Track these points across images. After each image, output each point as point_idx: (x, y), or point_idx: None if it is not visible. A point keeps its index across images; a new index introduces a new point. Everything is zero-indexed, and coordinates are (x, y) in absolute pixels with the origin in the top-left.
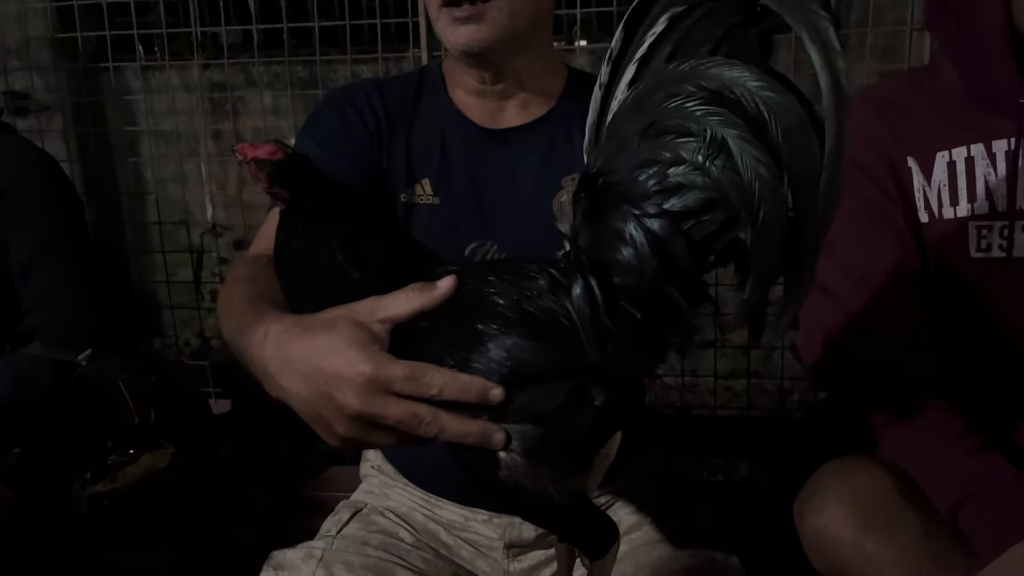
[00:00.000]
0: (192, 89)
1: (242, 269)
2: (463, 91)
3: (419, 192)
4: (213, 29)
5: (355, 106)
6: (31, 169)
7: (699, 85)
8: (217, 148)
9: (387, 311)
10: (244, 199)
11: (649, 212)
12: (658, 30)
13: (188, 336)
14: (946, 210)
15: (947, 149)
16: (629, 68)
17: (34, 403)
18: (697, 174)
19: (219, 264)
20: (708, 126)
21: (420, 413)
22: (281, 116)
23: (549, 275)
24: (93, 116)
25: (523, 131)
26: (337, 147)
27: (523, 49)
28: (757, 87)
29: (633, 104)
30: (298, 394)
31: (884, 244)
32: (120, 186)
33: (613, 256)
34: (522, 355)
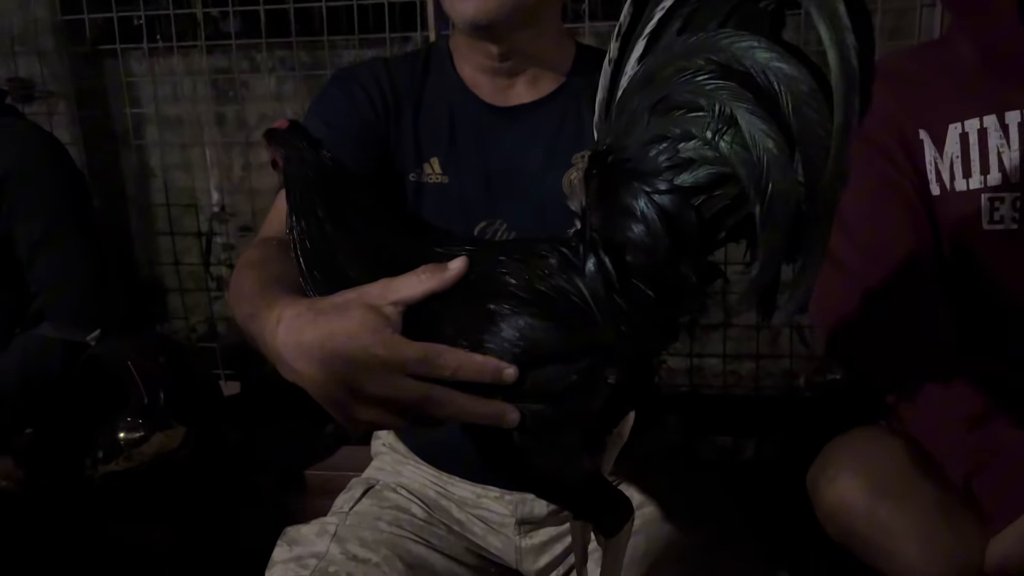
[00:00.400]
0: (196, 74)
1: (252, 253)
2: (471, 68)
3: (428, 171)
4: (221, 8)
5: (362, 85)
6: (37, 152)
7: (708, 58)
8: (221, 133)
9: (399, 294)
10: (249, 185)
11: (659, 188)
12: (667, 4)
13: (194, 321)
14: (958, 183)
15: (959, 121)
16: (639, 43)
17: (44, 384)
18: (707, 149)
19: (224, 250)
20: (717, 100)
21: (435, 395)
22: (286, 101)
23: (560, 254)
24: (97, 102)
25: (532, 108)
26: (343, 126)
27: (531, 23)
28: (767, 59)
29: (642, 79)
30: (313, 378)
31: (895, 217)
32: (124, 171)
33: (624, 234)
34: (534, 335)
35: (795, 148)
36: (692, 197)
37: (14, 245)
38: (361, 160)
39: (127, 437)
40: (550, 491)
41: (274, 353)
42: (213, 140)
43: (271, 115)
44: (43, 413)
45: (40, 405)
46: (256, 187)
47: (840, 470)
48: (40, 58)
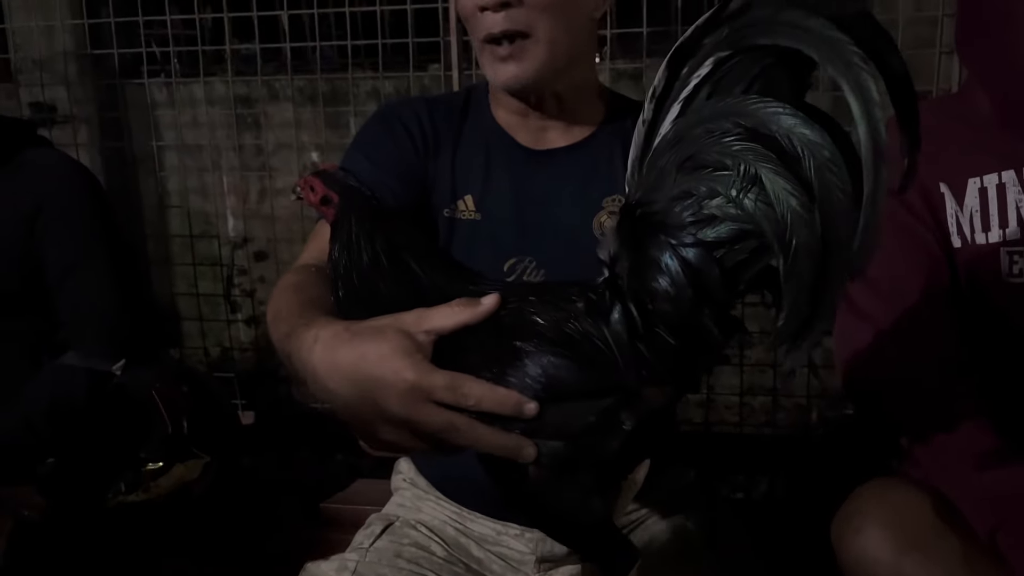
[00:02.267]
0: (216, 103)
1: (292, 278)
2: (507, 112)
3: (461, 208)
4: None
5: (403, 123)
6: (69, 182)
7: (736, 122)
8: (240, 161)
9: (433, 323)
10: (270, 211)
11: (684, 242)
12: (703, 72)
13: (207, 346)
14: (978, 235)
15: (978, 175)
16: (673, 107)
17: (69, 413)
18: (731, 206)
19: (239, 274)
20: (743, 161)
21: (457, 422)
22: (304, 129)
23: (588, 299)
24: (117, 129)
25: (565, 152)
26: (385, 163)
27: (564, 79)
28: (791, 124)
29: (673, 139)
30: (343, 397)
31: (916, 267)
32: (144, 199)
33: (649, 283)
34: (557, 373)
35: (816, 208)
36: (715, 251)
37: (44, 272)
38: (400, 195)
39: (149, 468)
40: (560, 530)
41: (308, 370)
42: (231, 166)
43: (289, 143)
44: (66, 442)
45: (64, 434)
46: (272, 214)
47: (865, 521)
48: (66, 86)
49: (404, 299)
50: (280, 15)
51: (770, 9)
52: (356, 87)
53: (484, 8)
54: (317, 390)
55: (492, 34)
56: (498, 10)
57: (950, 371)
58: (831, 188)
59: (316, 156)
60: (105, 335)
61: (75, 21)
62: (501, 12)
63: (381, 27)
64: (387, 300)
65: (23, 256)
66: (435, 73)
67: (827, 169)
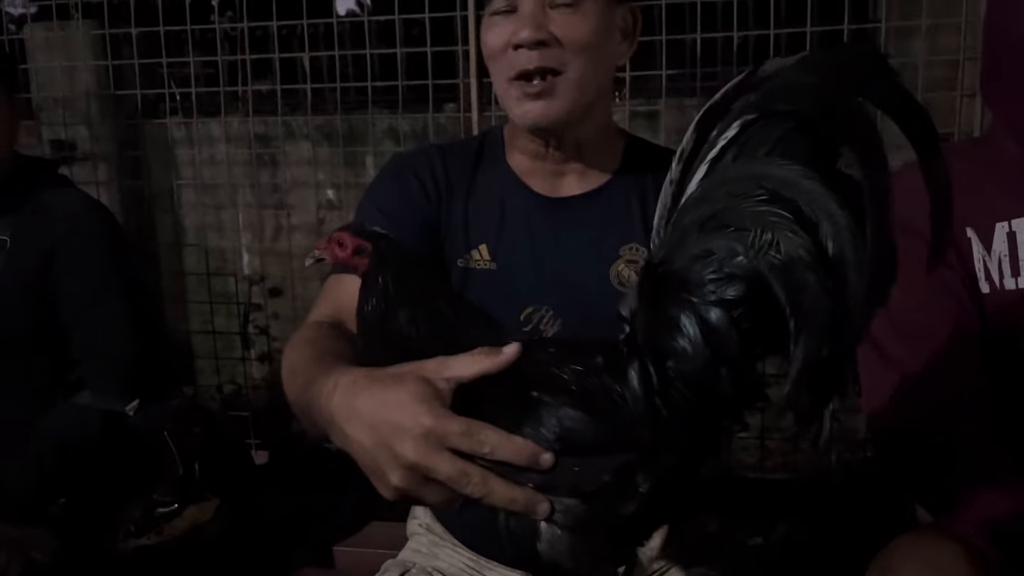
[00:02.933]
0: (234, 140)
1: (305, 334)
2: (523, 157)
3: (476, 257)
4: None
5: (416, 174)
6: (87, 222)
7: (757, 183)
8: (256, 198)
9: (453, 371)
10: (281, 248)
11: (703, 300)
12: (730, 135)
13: (221, 383)
14: (1007, 281)
15: (1006, 220)
16: (700, 167)
17: (81, 453)
18: (749, 267)
19: (254, 311)
20: (762, 222)
21: (471, 472)
22: (321, 167)
23: (607, 355)
24: (136, 167)
25: (581, 200)
26: (399, 217)
27: (587, 119)
28: (810, 189)
29: (698, 199)
30: (360, 442)
31: (945, 312)
32: (160, 236)
33: (667, 341)
34: (572, 426)
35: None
36: (732, 310)
37: (60, 310)
38: (416, 248)
39: (161, 510)
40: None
41: (327, 416)
42: (247, 203)
43: (305, 180)
44: (78, 483)
45: (75, 474)
46: (289, 250)
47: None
48: (88, 124)
49: (436, 348)
50: (300, 57)
51: (796, 76)
52: (373, 125)
53: (518, 46)
54: (335, 436)
55: (526, 70)
56: (533, 48)
57: (981, 418)
58: (846, 254)
59: (332, 194)
60: (119, 375)
61: (98, 62)
62: (536, 50)
63: (400, 68)
64: (419, 348)
65: (41, 294)
66: (452, 114)
67: (843, 236)
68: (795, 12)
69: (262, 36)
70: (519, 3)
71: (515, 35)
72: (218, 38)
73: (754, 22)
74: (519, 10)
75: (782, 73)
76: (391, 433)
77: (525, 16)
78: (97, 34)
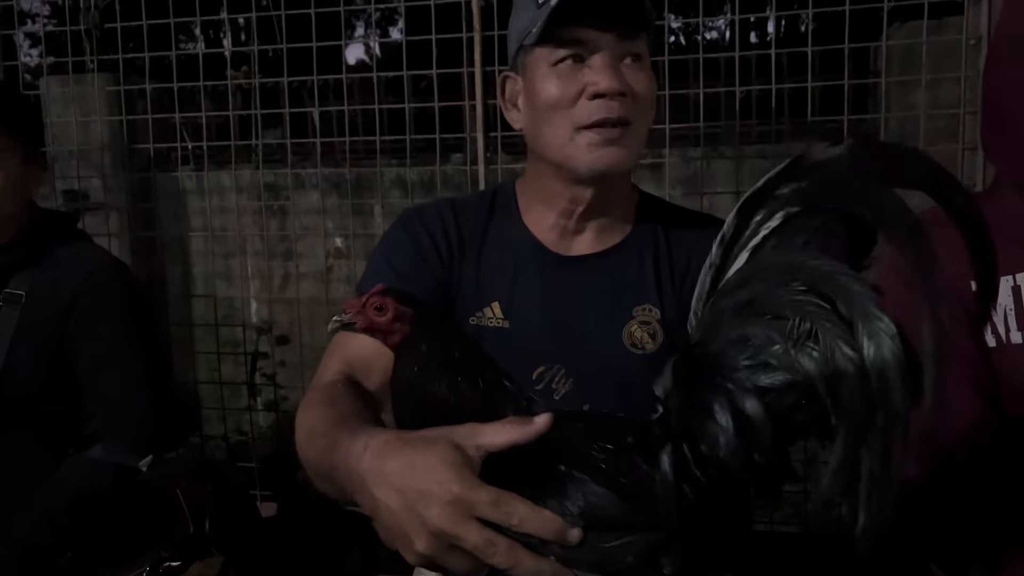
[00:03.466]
0: (244, 190)
1: (320, 394)
2: (544, 214)
3: (489, 315)
4: (279, 141)
5: (428, 231)
6: (103, 276)
7: (796, 275)
8: (265, 247)
9: (484, 439)
10: (289, 295)
11: (736, 387)
12: (773, 224)
13: (227, 431)
14: (1013, 335)
15: (1011, 274)
16: (741, 254)
17: (92, 507)
18: (785, 356)
19: (261, 359)
20: (800, 313)
21: (497, 542)
22: (329, 216)
23: (638, 434)
24: (147, 217)
25: (595, 259)
26: (414, 277)
27: (625, 177)
28: (849, 286)
29: (736, 284)
30: (388, 506)
31: (951, 367)
32: (170, 286)
33: (700, 425)
34: (598, 502)
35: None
36: (766, 397)
37: (76, 364)
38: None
39: (167, 566)
40: None
41: (356, 478)
42: (256, 251)
43: (313, 228)
44: (87, 536)
45: (85, 529)
46: (297, 297)
47: None
48: (102, 177)
49: (474, 414)
50: (310, 111)
51: (841, 172)
52: (381, 176)
53: (599, 95)
54: (363, 500)
55: (608, 119)
56: (614, 98)
57: (993, 473)
58: (884, 354)
59: (340, 242)
60: (133, 430)
61: (112, 117)
62: (616, 100)
63: (408, 122)
64: (456, 414)
65: (56, 349)
66: (459, 166)
67: (880, 336)
68: (796, 66)
69: (273, 89)
70: (591, 54)
71: (596, 85)
72: (230, 92)
73: (756, 76)
74: (591, 61)
75: (828, 165)
76: (419, 498)
77: (606, 68)
78: (112, 90)
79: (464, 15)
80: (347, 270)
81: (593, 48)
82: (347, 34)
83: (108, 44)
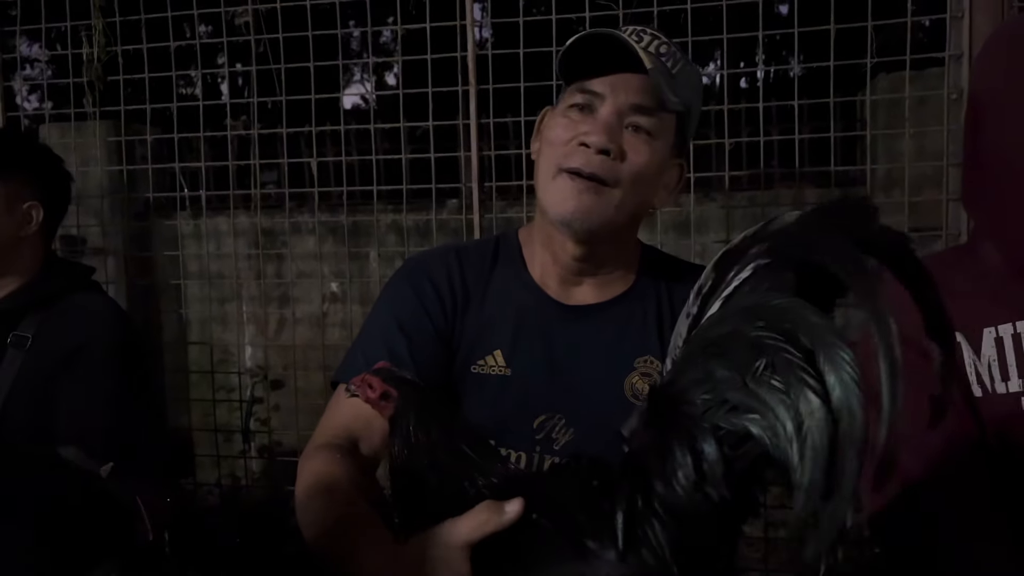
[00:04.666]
0: (240, 235)
1: (318, 467)
2: (542, 262)
3: (491, 363)
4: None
5: (432, 281)
6: (108, 329)
7: (758, 315)
8: (261, 291)
9: (463, 537)
10: (285, 340)
11: (696, 425)
12: (744, 275)
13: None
14: (998, 385)
15: (993, 326)
16: (715, 303)
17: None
18: (743, 391)
19: (256, 403)
20: (761, 349)
21: None
22: (325, 261)
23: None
24: (144, 264)
25: (598, 309)
26: (418, 330)
27: (614, 239)
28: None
29: (705, 328)
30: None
31: None
32: (165, 333)
33: (656, 463)
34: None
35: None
36: (721, 437)
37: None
38: (432, 360)
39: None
40: None
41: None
42: (251, 296)
43: (309, 273)
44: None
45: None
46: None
47: None
48: (100, 224)
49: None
50: (308, 162)
51: (809, 229)
52: (378, 223)
53: (585, 144)
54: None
55: (581, 169)
56: (597, 153)
57: (983, 523)
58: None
59: (336, 287)
60: (97, 437)
61: (113, 167)
62: (599, 156)
63: (405, 171)
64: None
65: (49, 395)
66: (455, 215)
67: (841, 366)
68: (786, 115)
69: (271, 138)
70: (599, 106)
71: (586, 135)
72: (229, 141)
73: (746, 124)
74: (597, 113)
75: (792, 225)
76: None
77: (602, 121)
78: (113, 140)
79: (460, 68)
80: (343, 315)
81: (603, 103)
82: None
83: (109, 93)
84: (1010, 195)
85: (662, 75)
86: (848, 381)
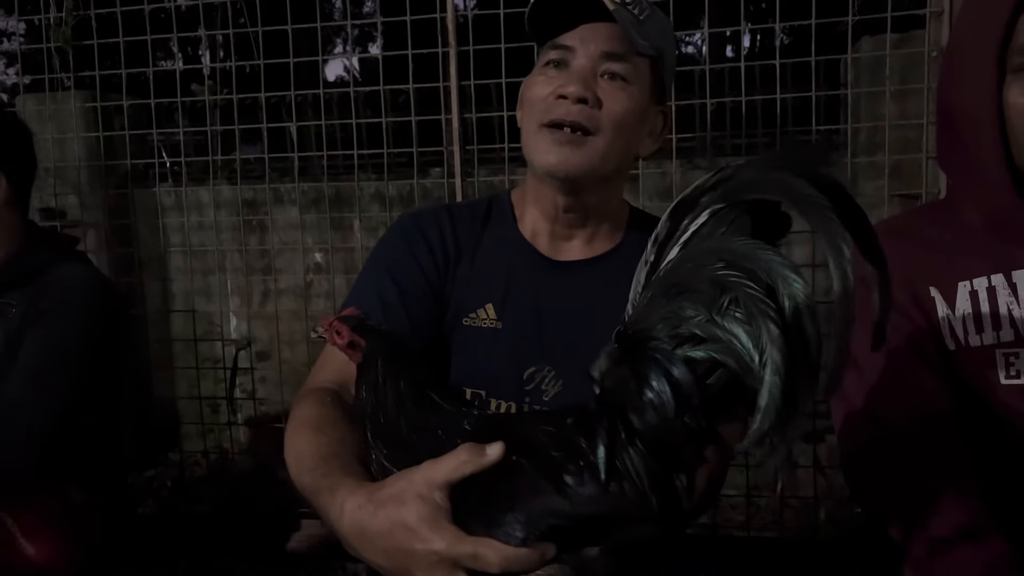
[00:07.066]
0: (223, 206)
1: (308, 410)
2: (532, 219)
3: (482, 316)
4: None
5: (425, 237)
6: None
7: (718, 256)
8: (244, 262)
9: (442, 477)
10: (268, 312)
11: (666, 356)
12: (700, 221)
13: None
14: (972, 338)
15: (968, 279)
16: (673, 250)
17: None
18: (710, 324)
19: (241, 375)
20: (723, 285)
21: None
22: (308, 231)
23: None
24: (125, 234)
25: (587, 265)
26: (408, 284)
27: (602, 188)
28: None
29: (665, 273)
30: (378, 564)
31: (909, 365)
32: (148, 303)
33: (631, 397)
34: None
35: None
36: (694, 365)
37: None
38: (423, 311)
39: None
40: None
41: (339, 535)
42: (235, 267)
43: (293, 244)
44: None
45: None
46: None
47: None
48: (78, 194)
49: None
50: (288, 127)
51: (758, 171)
52: (360, 190)
53: (562, 96)
54: (351, 551)
55: (562, 120)
56: (576, 102)
57: (953, 473)
58: (802, 313)
59: (320, 257)
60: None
61: (89, 134)
62: (577, 105)
63: (386, 137)
64: (408, 437)
65: None
66: (438, 179)
67: (796, 295)
68: (769, 79)
69: (251, 105)
70: (572, 60)
71: (562, 87)
72: (207, 108)
73: (729, 88)
74: (570, 66)
75: (744, 170)
76: (406, 559)
77: (576, 72)
78: (89, 106)
79: (440, 31)
80: (326, 285)
81: (575, 56)
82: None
83: (85, 61)
84: (975, 152)
85: (628, 20)
86: (804, 309)
